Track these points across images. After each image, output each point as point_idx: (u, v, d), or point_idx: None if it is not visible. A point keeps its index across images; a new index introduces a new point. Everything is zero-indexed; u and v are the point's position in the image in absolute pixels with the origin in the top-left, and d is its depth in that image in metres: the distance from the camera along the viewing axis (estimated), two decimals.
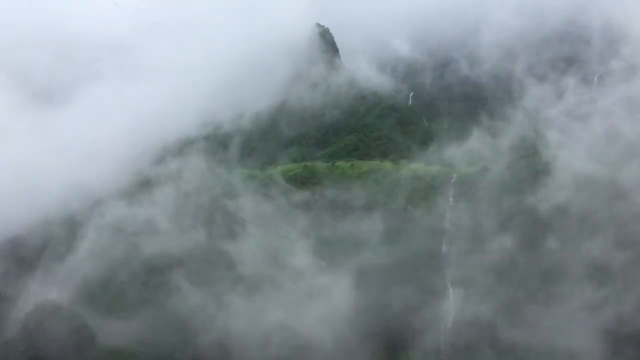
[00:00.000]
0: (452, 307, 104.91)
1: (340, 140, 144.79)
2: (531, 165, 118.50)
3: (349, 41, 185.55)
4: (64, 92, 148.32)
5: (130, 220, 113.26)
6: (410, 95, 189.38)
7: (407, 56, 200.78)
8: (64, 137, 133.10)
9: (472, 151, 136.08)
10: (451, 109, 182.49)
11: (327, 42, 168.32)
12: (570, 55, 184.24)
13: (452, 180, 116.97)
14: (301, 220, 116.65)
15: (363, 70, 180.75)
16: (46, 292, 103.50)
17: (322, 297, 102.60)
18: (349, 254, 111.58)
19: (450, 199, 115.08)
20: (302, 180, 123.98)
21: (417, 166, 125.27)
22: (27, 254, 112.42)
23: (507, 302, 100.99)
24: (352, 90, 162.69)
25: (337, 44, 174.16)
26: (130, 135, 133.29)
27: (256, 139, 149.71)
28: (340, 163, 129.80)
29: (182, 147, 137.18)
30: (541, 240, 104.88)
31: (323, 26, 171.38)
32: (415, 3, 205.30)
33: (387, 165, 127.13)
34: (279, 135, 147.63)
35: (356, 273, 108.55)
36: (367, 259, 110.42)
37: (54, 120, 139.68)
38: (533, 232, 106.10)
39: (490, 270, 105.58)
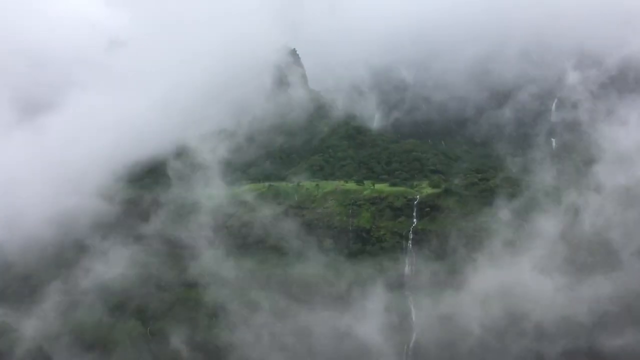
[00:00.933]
0: (414, 328, 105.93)
1: (305, 161, 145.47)
2: (492, 185, 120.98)
3: (317, 63, 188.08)
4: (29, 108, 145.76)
5: None
6: (376, 117, 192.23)
7: (373, 79, 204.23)
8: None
9: (434, 172, 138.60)
10: (415, 131, 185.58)
11: (294, 63, 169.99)
12: (529, 76, 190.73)
13: (416, 202, 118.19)
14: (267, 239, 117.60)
15: (330, 92, 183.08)
16: None
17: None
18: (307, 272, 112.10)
19: (414, 219, 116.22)
20: (267, 200, 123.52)
21: (381, 187, 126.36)
22: None
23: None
24: (319, 112, 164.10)
25: (305, 65, 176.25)
26: (99, 156, 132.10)
27: (222, 157, 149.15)
28: (305, 183, 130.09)
29: (151, 167, 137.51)
30: (503, 256, 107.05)
31: (291, 48, 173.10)
32: (384, 28, 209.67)
33: (352, 185, 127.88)
34: (245, 154, 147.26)
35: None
36: (329, 277, 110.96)
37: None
38: (492, 251, 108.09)
39: (454, 289, 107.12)
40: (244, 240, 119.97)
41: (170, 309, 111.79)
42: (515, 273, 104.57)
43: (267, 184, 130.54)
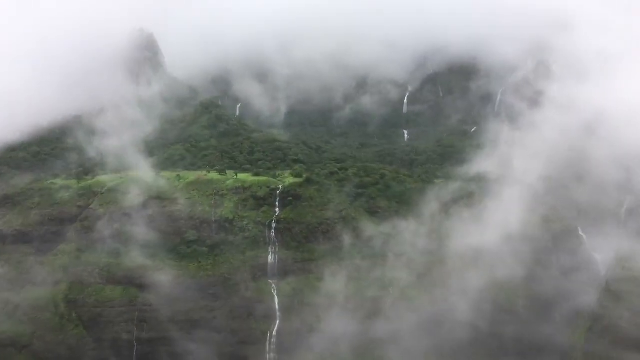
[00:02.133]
0: (277, 315, 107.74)
1: (165, 150, 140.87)
2: (351, 174, 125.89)
3: (177, 51, 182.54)
4: None
5: None
6: (238, 106, 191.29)
7: (235, 68, 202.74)
8: None
9: (297, 162, 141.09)
10: (278, 120, 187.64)
11: (151, 48, 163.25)
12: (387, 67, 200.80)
13: (279, 191, 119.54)
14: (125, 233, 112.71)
15: (191, 80, 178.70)
16: None
17: None
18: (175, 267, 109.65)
19: (277, 209, 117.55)
20: (124, 192, 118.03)
21: (244, 176, 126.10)
22: None
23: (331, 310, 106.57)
24: (179, 100, 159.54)
25: (165, 53, 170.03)
26: None
27: (73, 147, 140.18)
28: (165, 173, 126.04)
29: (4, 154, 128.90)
30: (363, 244, 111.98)
31: (149, 32, 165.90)
32: (246, 16, 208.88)
33: (214, 175, 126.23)
34: (101, 143, 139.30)
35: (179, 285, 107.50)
36: (194, 269, 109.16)
37: None
38: (353, 239, 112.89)
39: (316, 277, 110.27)
40: (100, 234, 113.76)
41: None
42: (374, 260, 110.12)
43: (124, 174, 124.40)
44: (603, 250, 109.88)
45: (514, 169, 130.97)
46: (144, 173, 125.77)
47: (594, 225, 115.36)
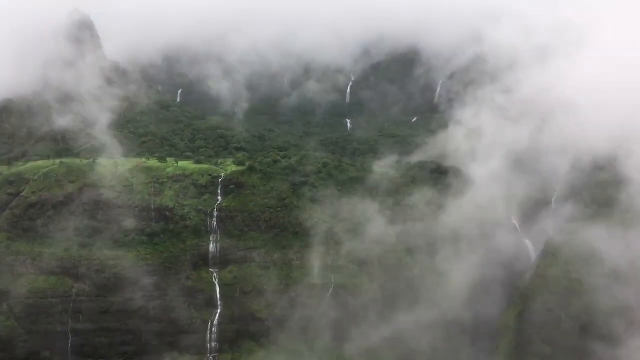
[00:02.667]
0: (219, 303, 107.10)
1: (101, 136, 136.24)
2: (293, 163, 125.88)
3: (115, 33, 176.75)
4: None
5: None
6: (179, 92, 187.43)
7: (176, 53, 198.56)
8: None
9: (239, 150, 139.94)
10: (221, 107, 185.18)
11: (87, 30, 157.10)
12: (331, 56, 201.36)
13: (220, 179, 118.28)
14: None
15: (130, 64, 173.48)
16: None
17: None
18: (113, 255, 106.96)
19: (219, 197, 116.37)
20: (58, 178, 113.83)
21: (185, 164, 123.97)
22: None
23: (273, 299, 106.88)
24: (117, 84, 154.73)
25: (102, 35, 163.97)
26: None
27: (3, 132, 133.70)
28: (102, 160, 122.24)
29: None
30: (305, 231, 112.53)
31: (83, 12, 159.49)
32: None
33: (154, 162, 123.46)
34: (33, 127, 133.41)
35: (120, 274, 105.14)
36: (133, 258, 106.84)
37: None
38: (294, 227, 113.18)
39: (258, 265, 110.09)
40: (32, 223, 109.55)
41: None
42: (316, 248, 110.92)
43: (57, 160, 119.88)
44: (534, 238, 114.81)
45: (453, 159, 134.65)
46: (79, 159, 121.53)
47: (527, 214, 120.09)
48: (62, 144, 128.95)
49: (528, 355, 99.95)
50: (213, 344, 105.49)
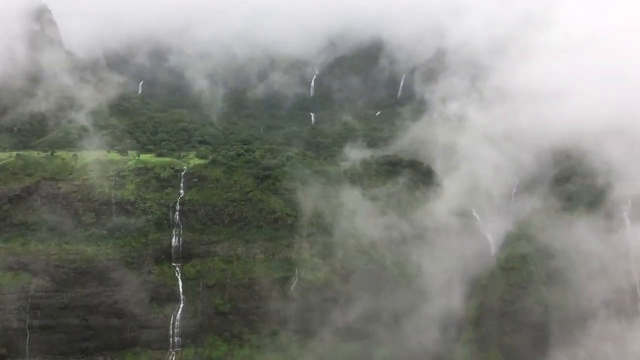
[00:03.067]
0: (182, 298, 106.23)
1: (61, 128, 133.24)
2: (257, 156, 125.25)
3: (75, 24, 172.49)
4: None
5: None
6: (141, 84, 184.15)
7: (137, 45, 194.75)
8: None
9: (202, 143, 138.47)
10: (183, 100, 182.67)
11: (45, 20, 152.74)
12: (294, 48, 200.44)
13: (183, 172, 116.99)
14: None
15: (90, 56, 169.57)
16: None
17: None
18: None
19: (182, 190, 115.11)
20: (15, 171, 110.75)
21: (146, 157, 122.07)
22: None
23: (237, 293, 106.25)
24: (76, 75, 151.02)
25: (62, 26, 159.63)
26: None
27: None
28: (61, 152, 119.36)
29: None
30: (267, 228, 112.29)
31: (40, 2, 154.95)
32: None
33: (115, 155, 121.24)
34: None
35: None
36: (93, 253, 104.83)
37: None
38: (259, 220, 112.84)
39: (222, 259, 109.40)
40: None
41: None
42: (280, 241, 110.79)
43: (14, 152, 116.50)
44: (494, 231, 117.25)
45: (416, 153, 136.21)
46: (38, 152, 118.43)
47: (488, 207, 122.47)
48: (18, 137, 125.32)
49: (489, 346, 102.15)
50: (176, 339, 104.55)
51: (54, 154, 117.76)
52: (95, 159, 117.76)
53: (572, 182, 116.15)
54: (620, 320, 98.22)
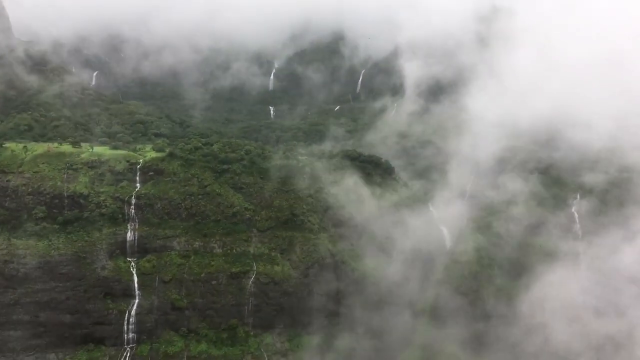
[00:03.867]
0: (137, 293, 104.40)
1: (10, 119, 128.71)
2: (216, 150, 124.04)
3: (25, 13, 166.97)
4: None
5: None
6: (94, 74, 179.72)
7: (93, 35, 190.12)
8: None
9: (159, 136, 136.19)
10: (138, 92, 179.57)
11: None
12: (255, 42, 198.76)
13: (139, 166, 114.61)
14: None
15: (41, 45, 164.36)
16: None
17: None
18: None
19: (137, 184, 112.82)
20: None
21: (101, 150, 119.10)
22: None
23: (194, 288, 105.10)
24: (28, 65, 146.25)
25: (12, 15, 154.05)
26: None
27: None
28: (10, 144, 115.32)
29: None
30: (225, 222, 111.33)
31: None
32: None
33: (67, 148, 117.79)
34: None
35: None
36: (44, 247, 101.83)
37: None
38: (216, 213, 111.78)
39: (178, 254, 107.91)
40: None
41: None
42: (238, 235, 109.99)
43: None
44: (449, 224, 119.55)
45: (373, 147, 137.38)
46: None
47: (444, 202, 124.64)
48: None
49: (445, 337, 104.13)
50: (131, 335, 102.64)
51: (3, 145, 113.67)
52: (45, 150, 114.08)
53: (525, 177, 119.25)
54: None
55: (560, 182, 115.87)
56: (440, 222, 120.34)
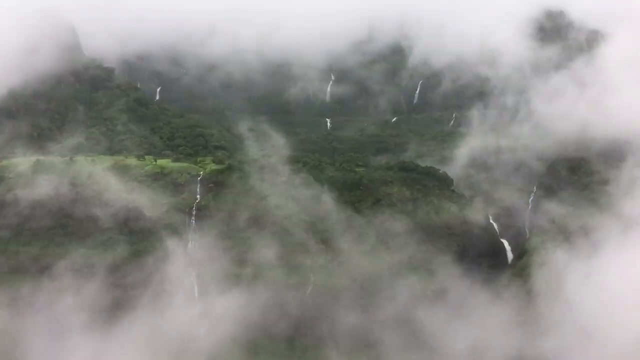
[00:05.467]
0: (197, 303, 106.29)
1: (80, 134, 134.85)
2: (274, 162, 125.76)
3: (93, 31, 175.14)
4: None
5: None
6: (158, 90, 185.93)
7: (157, 51, 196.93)
8: None
9: (218, 148, 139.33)
10: (200, 106, 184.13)
11: (63, 28, 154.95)
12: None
13: (200, 178, 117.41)
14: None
15: (108, 62, 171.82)
16: None
17: None
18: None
19: (198, 195, 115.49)
20: (34, 177, 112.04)
21: (163, 162, 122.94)
22: None
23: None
24: (95, 81, 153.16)
25: (81, 33, 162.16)
26: None
27: None
28: (79, 158, 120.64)
29: None
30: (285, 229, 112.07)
31: (57, 9, 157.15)
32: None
33: (132, 160, 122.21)
34: (6, 125, 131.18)
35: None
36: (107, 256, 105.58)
37: None
38: (275, 225, 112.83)
39: (236, 263, 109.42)
40: (7, 220, 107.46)
41: None
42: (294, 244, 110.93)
43: (34, 158, 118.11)
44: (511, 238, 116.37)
45: (433, 159, 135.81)
46: (57, 157, 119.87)
47: (506, 214, 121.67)
48: (38, 142, 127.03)
49: None
50: None
51: (73, 159, 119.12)
52: (112, 164, 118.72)
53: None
54: None
55: None
56: (502, 234, 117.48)
